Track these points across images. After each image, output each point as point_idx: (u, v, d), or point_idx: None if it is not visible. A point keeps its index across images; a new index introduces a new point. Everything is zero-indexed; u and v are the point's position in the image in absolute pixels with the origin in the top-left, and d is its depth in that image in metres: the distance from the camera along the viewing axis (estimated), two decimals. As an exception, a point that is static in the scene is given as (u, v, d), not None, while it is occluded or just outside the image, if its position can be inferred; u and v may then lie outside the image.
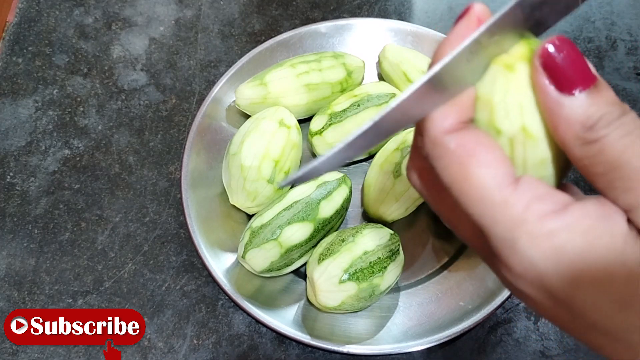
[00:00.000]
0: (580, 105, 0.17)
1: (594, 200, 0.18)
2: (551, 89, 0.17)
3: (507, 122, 0.19)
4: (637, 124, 0.17)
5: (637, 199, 0.16)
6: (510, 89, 0.19)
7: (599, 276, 0.16)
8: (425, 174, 0.22)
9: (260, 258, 0.42)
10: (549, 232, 0.17)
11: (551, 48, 0.17)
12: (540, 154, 0.19)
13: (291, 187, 0.46)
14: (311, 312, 0.43)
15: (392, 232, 0.43)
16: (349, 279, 0.40)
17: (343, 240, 0.42)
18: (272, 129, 0.46)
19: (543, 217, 0.17)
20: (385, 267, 0.41)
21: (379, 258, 0.41)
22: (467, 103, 0.19)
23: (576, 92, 0.17)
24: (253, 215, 0.46)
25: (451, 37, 0.19)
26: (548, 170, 0.19)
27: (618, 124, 0.17)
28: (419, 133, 0.20)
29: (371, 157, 0.50)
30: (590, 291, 0.17)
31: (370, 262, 0.41)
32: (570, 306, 0.17)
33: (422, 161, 0.21)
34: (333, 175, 0.45)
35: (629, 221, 0.17)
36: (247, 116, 0.50)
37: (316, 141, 0.48)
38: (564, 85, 0.17)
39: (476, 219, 0.18)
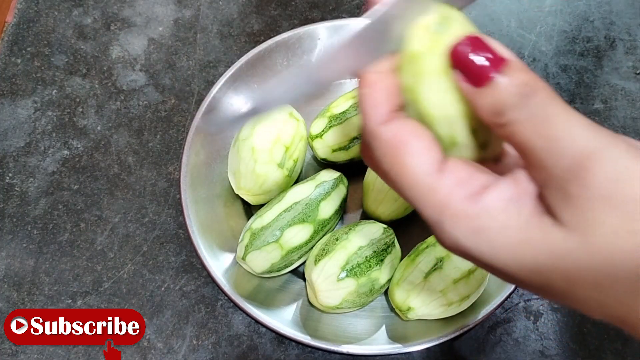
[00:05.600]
0: (489, 94, 0.18)
1: (509, 181, 0.19)
2: (464, 85, 0.19)
3: (430, 108, 0.20)
4: (546, 102, 0.18)
5: (543, 177, 0.18)
6: (427, 75, 0.20)
7: (515, 251, 0.18)
8: (372, 158, 0.24)
9: (261, 260, 0.42)
10: (468, 215, 0.19)
11: (459, 47, 0.19)
12: (461, 131, 0.20)
13: (290, 187, 0.46)
14: (311, 312, 0.43)
15: (385, 226, 0.43)
16: (347, 276, 0.40)
17: (337, 239, 0.42)
18: (282, 119, 0.47)
19: (463, 201, 0.19)
20: (382, 260, 0.41)
21: (374, 252, 0.41)
22: (393, 90, 0.21)
23: (487, 82, 0.18)
24: (252, 215, 0.46)
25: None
26: (469, 147, 0.21)
27: (523, 107, 0.18)
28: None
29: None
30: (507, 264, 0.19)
31: (366, 257, 0.41)
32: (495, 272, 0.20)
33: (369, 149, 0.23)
34: (330, 175, 0.45)
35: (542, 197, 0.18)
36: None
37: (317, 144, 0.48)
38: (475, 81, 0.19)
39: (410, 202, 0.20)
